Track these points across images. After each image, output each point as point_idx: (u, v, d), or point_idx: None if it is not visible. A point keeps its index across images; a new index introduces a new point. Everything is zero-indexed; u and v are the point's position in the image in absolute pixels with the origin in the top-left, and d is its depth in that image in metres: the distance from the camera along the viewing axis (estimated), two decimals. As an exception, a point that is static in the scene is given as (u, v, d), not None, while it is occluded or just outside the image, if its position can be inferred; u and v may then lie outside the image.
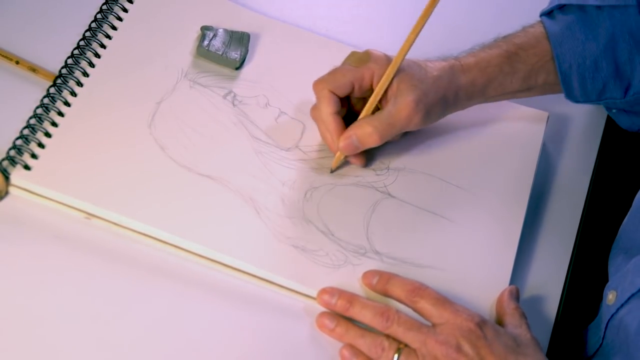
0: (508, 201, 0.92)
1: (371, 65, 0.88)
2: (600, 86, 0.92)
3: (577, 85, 0.92)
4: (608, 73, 0.91)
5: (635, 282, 0.81)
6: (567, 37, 0.91)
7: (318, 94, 0.88)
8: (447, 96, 0.90)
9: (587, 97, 0.93)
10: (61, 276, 0.81)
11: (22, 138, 0.86)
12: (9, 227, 0.83)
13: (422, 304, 0.81)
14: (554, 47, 0.91)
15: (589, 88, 0.93)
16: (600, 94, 0.93)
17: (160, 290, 0.82)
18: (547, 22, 0.93)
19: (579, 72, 0.92)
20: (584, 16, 0.92)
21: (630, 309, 0.81)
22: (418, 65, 0.89)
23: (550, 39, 0.92)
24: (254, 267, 0.84)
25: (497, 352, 0.78)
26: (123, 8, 0.97)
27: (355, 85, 0.88)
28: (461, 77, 0.90)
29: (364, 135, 0.87)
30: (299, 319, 0.83)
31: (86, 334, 0.79)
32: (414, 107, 0.87)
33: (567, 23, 0.92)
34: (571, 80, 0.92)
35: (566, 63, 0.92)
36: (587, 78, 0.92)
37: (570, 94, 0.94)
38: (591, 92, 0.93)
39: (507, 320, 0.83)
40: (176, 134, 0.90)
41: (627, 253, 0.86)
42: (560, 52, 0.91)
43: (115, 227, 0.85)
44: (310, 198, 0.89)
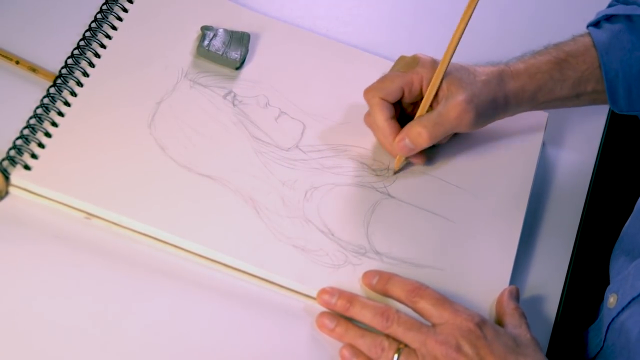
0: (508, 201, 0.92)
1: (419, 69, 0.88)
2: None
3: (622, 93, 0.92)
4: None
5: (636, 286, 0.81)
6: (614, 45, 0.92)
7: (370, 102, 0.89)
8: (497, 99, 0.89)
9: (631, 106, 0.93)
10: (61, 276, 0.81)
11: (22, 138, 0.86)
12: (9, 227, 0.83)
13: (422, 304, 0.81)
14: (601, 55, 0.91)
15: (634, 96, 0.92)
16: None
17: (161, 290, 0.82)
18: (594, 32, 0.93)
19: (625, 80, 0.92)
20: (631, 25, 0.92)
21: (632, 313, 0.81)
22: (466, 69, 0.89)
23: (597, 47, 0.92)
24: (254, 267, 0.84)
25: (496, 352, 0.78)
26: (123, 8, 0.97)
27: (405, 91, 0.89)
28: (510, 82, 0.90)
29: (415, 135, 0.88)
30: (299, 319, 0.83)
31: (86, 334, 0.79)
32: (465, 107, 0.87)
33: (614, 32, 0.92)
34: (617, 88, 0.92)
35: (612, 71, 0.92)
36: (633, 86, 0.92)
37: (615, 103, 0.93)
38: (636, 101, 0.93)
39: (507, 320, 0.83)
40: (176, 134, 0.90)
41: (628, 255, 0.86)
42: (607, 59, 0.91)
43: (115, 227, 0.85)
44: (310, 198, 0.89)
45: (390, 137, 0.89)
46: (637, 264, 0.82)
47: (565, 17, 1.08)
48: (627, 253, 0.87)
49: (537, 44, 0.95)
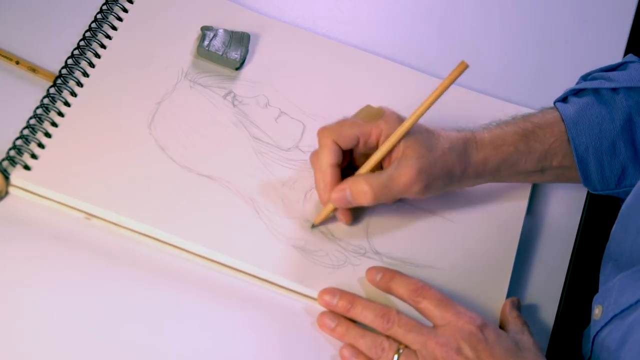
0: (508, 202, 0.92)
1: (381, 123, 0.85)
2: (618, 171, 0.90)
3: (594, 169, 0.90)
4: (627, 156, 0.89)
5: (619, 302, 0.81)
6: (582, 117, 0.89)
7: (321, 141, 0.85)
8: (454, 172, 0.87)
9: (605, 183, 0.91)
10: (61, 276, 0.81)
11: (22, 138, 0.86)
12: (9, 227, 0.83)
13: (425, 304, 0.81)
14: (569, 128, 0.89)
15: (607, 173, 0.90)
16: (619, 179, 0.90)
17: (161, 290, 0.82)
18: (561, 106, 0.90)
19: (596, 155, 0.89)
20: (599, 98, 0.90)
21: (611, 330, 0.81)
22: (430, 132, 0.86)
23: (565, 120, 0.89)
24: (254, 268, 0.84)
25: (497, 356, 0.78)
26: (123, 8, 0.97)
27: (360, 140, 0.85)
28: (474, 153, 0.87)
29: (358, 192, 0.84)
30: (299, 319, 0.83)
31: (86, 334, 0.79)
32: (415, 176, 0.84)
33: (581, 105, 0.90)
34: (588, 163, 0.89)
35: (582, 145, 0.89)
36: (605, 162, 0.89)
37: (587, 180, 0.91)
38: (610, 178, 0.90)
39: (509, 327, 0.83)
40: (176, 134, 0.90)
41: (616, 262, 0.86)
42: (576, 133, 0.89)
43: (115, 227, 0.85)
44: (310, 198, 0.89)
45: (329, 184, 0.85)
46: (622, 278, 0.82)
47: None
48: (615, 259, 0.86)
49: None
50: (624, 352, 0.78)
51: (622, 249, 0.85)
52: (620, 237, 0.86)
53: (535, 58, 1.06)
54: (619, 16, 1.11)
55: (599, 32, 1.09)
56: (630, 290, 0.80)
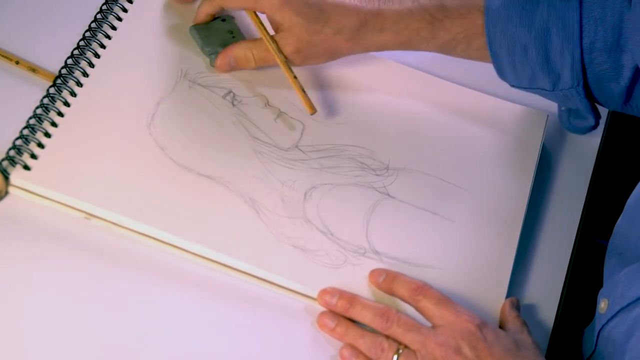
0: (508, 201, 0.92)
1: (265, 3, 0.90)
2: (529, 73, 0.90)
3: (507, 65, 0.91)
4: (537, 61, 0.89)
5: (626, 295, 0.81)
6: (502, 16, 0.88)
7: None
8: (339, 50, 0.91)
9: (519, 81, 0.92)
10: (61, 276, 0.81)
11: (22, 138, 0.86)
12: (8, 227, 0.83)
13: (425, 304, 0.81)
14: (487, 24, 0.89)
15: (519, 72, 0.91)
16: (530, 80, 0.91)
17: (160, 290, 0.82)
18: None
19: (509, 54, 0.90)
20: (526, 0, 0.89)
21: (617, 323, 0.81)
22: (320, 11, 0.89)
23: (487, 15, 0.89)
24: (254, 268, 0.84)
25: (496, 355, 0.78)
26: (123, 8, 0.97)
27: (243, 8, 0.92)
28: (369, 36, 0.89)
29: (241, 58, 0.92)
30: (299, 319, 0.83)
31: (86, 334, 0.79)
32: (293, 53, 0.90)
33: (506, 2, 0.89)
34: (501, 59, 0.90)
35: (497, 42, 0.89)
36: (517, 62, 0.90)
37: (502, 75, 0.92)
38: (522, 77, 0.91)
39: (509, 326, 0.83)
40: (176, 134, 0.90)
41: (620, 256, 0.86)
42: (494, 30, 0.89)
43: (115, 227, 0.84)
44: (310, 198, 0.89)
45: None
46: (628, 272, 0.82)
47: None
48: (620, 253, 0.86)
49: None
50: (631, 345, 0.78)
51: (628, 243, 0.85)
52: (626, 231, 0.87)
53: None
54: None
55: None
56: (637, 284, 0.80)
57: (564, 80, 0.90)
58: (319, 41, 0.89)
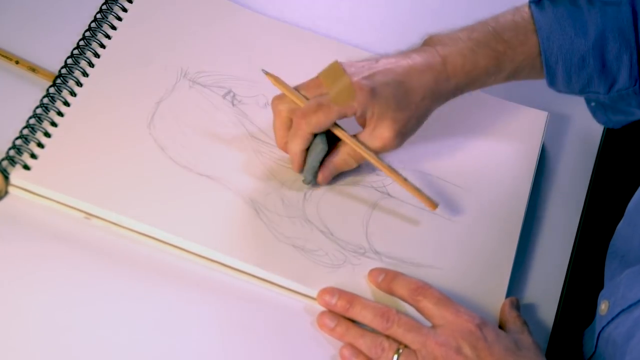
0: (507, 201, 0.92)
1: (354, 105, 0.85)
2: (585, 81, 0.91)
3: (561, 78, 0.91)
4: (594, 69, 0.90)
5: (627, 297, 0.81)
6: (556, 31, 0.89)
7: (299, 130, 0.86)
8: (427, 113, 0.89)
9: (570, 89, 0.92)
10: (60, 276, 0.81)
11: (22, 138, 0.86)
12: (8, 227, 0.83)
13: (424, 303, 0.81)
14: (542, 41, 0.89)
15: (573, 82, 0.91)
16: (583, 88, 0.91)
17: (160, 290, 0.82)
18: (536, 13, 0.90)
19: (565, 67, 0.90)
20: (574, 10, 0.90)
21: (617, 324, 0.81)
22: (401, 89, 0.86)
23: (539, 33, 0.89)
24: (254, 268, 0.84)
25: (497, 355, 0.78)
26: (123, 8, 0.97)
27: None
28: (445, 85, 0.88)
29: (341, 163, 0.88)
30: (299, 319, 0.83)
31: (86, 334, 0.79)
32: (392, 139, 0.87)
33: (556, 16, 0.89)
34: (556, 73, 0.91)
35: (553, 57, 0.90)
36: (573, 74, 0.90)
37: (553, 85, 0.92)
38: (575, 86, 0.92)
39: (509, 326, 0.83)
40: (175, 134, 0.90)
41: (622, 258, 0.86)
42: (548, 46, 0.89)
43: (115, 227, 0.85)
44: (310, 198, 0.89)
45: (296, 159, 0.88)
46: (629, 273, 0.82)
47: None
48: (622, 255, 0.86)
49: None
50: (631, 346, 0.78)
51: (630, 246, 0.85)
52: (628, 234, 0.86)
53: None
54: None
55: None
56: (638, 285, 0.80)
57: (621, 82, 0.90)
58: (411, 113, 0.87)
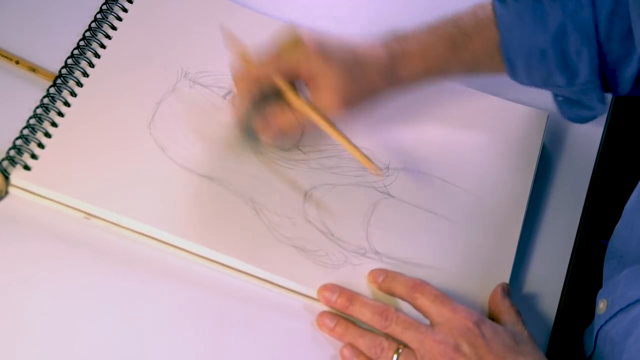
0: (508, 201, 0.92)
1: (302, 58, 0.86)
2: (545, 74, 0.91)
3: (522, 69, 0.91)
4: (554, 63, 0.90)
5: (625, 296, 0.81)
6: (516, 24, 0.89)
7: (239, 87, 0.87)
8: (379, 93, 0.89)
9: (532, 81, 0.93)
10: (61, 276, 0.81)
11: (22, 138, 0.86)
12: (8, 227, 0.83)
13: (422, 301, 0.82)
14: (502, 33, 0.90)
15: (535, 74, 0.91)
16: (545, 80, 0.92)
17: (160, 290, 0.82)
18: (498, 8, 0.91)
19: (526, 59, 0.90)
20: (535, 5, 0.90)
21: (615, 323, 0.81)
22: (354, 58, 0.87)
23: (499, 25, 0.90)
24: (254, 268, 0.84)
25: (495, 351, 0.78)
26: (123, 8, 0.97)
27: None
28: (401, 69, 0.89)
29: (286, 125, 0.87)
30: (299, 319, 0.83)
31: (86, 334, 0.79)
32: (335, 102, 0.86)
33: (517, 11, 0.90)
34: (516, 65, 0.91)
35: (513, 50, 0.90)
36: (534, 65, 0.91)
37: (515, 77, 0.93)
38: (536, 78, 0.92)
39: (504, 318, 0.83)
40: (176, 134, 0.90)
41: (621, 259, 0.86)
42: (508, 38, 0.90)
43: (115, 227, 0.85)
44: (310, 198, 0.89)
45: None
46: (629, 272, 0.82)
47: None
48: (620, 255, 0.86)
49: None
50: (629, 345, 0.78)
51: (628, 247, 0.85)
52: (626, 235, 0.87)
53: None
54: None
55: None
56: (637, 284, 0.80)
57: (582, 76, 0.90)
58: (359, 83, 0.87)
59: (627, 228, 0.87)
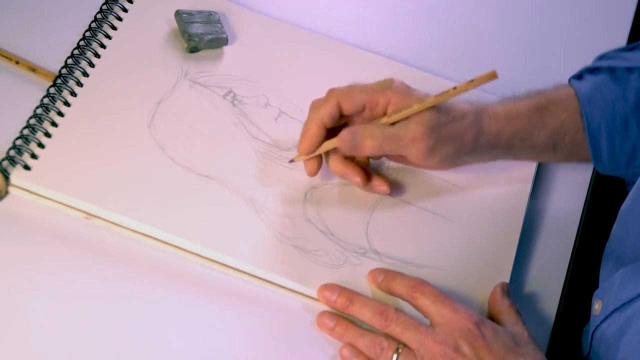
0: (508, 201, 0.92)
1: (390, 92, 0.85)
2: (629, 150, 0.90)
3: (605, 146, 0.90)
4: (639, 135, 0.89)
5: (620, 296, 0.81)
6: (596, 95, 0.89)
7: (327, 97, 0.86)
8: (465, 139, 0.87)
9: (615, 162, 0.91)
10: (61, 276, 0.81)
11: (22, 138, 0.86)
12: (8, 227, 0.83)
13: (422, 301, 0.81)
14: (583, 105, 0.89)
15: (618, 151, 0.90)
16: (629, 159, 0.90)
17: (160, 290, 0.82)
18: (576, 83, 0.91)
19: (608, 133, 0.89)
20: (614, 77, 0.90)
21: (610, 323, 0.81)
22: (441, 105, 0.86)
23: (579, 97, 0.90)
24: (254, 267, 0.84)
25: (495, 352, 0.78)
26: (123, 8, 0.97)
27: (367, 107, 0.86)
28: (486, 123, 0.88)
29: (367, 135, 0.85)
30: (298, 319, 0.83)
31: (86, 334, 0.79)
32: (423, 134, 0.84)
33: (596, 83, 0.90)
34: (599, 140, 0.90)
35: (595, 122, 0.89)
36: (616, 139, 0.90)
37: (598, 158, 0.91)
38: (620, 157, 0.90)
39: (504, 318, 0.83)
40: (176, 134, 0.90)
41: (617, 260, 0.86)
42: (589, 109, 0.89)
43: (115, 227, 0.85)
44: (310, 198, 0.89)
45: (310, 139, 0.86)
46: (623, 272, 0.82)
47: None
48: (617, 257, 0.86)
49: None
50: (622, 344, 0.78)
51: (624, 248, 0.85)
52: (622, 236, 0.87)
53: (535, 57, 1.06)
54: (618, 16, 1.11)
55: (598, 33, 1.09)
56: (631, 284, 0.80)
57: None
58: (448, 126, 0.86)
59: (622, 229, 0.87)
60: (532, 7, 1.11)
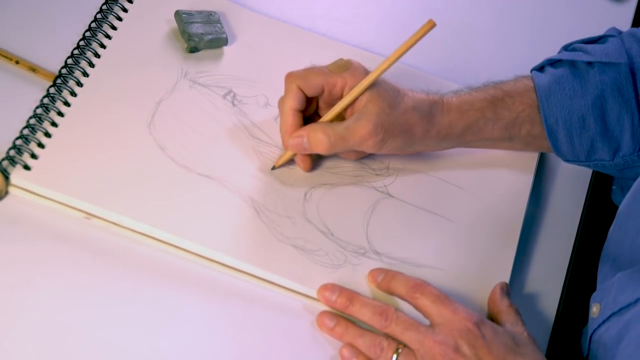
0: (508, 201, 0.92)
1: (346, 75, 0.86)
2: (588, 145, 0.90)
3: (564, 140, 0.90)
4: (596, 131, 0.89)
5: (618, 300, 0.81)
6: (555, 90, 0.90)
7: (287, 86, 0.87)
8: (415, 131, 0.88)
9: (575, 155, 0.91)
10: (61, 276, 0.81)
11: (22, 138, 0.86)
12: (8, 227, 0.83)
13: (422, 301, 0.82)
14: (540, 99, 0.90)
15: (577, 145, 0.90)
16: (588, 153, 0.91)
17: (160, 290, 0.82)
18: (537, 75, 0.91)
19: (566, 127, 0.90)
20: (574, 71, 0.90)
21: (608, 327, 0.81)
22: (396, 90, 0.87)
23: (538, 90, 0.90)
24: (254, 267, 0.84)
25: (495, 352, 0.78)
26: (123, 8, 0.97)
27: (325, 89, 0.87)
28: (439, 116, 0.88)
29: (315, 139, 0.86)
30: (298, 319, 0.83)
31: (85, 334, 0.79)
32: (372, 130, 0.85)
33: (556, 76, 0.90)
34: (557, 134, 0.90)
35: (552, 117, 0.90)
36: (574, 135, 0.90)
37: (558, 150, 0.91)
38: (579, 151, 0.91)
39: (503, 318, 0.83)
40: (176, 134, 0.90)
41: (614, 261, 0.86)
42: (547, 104, 0.90)
43: (115, 227, 0.85)
44: (310, 198, 0.89)
45: (289, 128, 0.87)
46: (621, 277, 0.82)
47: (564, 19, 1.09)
48: (614, 259, 0.86)
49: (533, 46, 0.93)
50: (621, 349, 0.78)
51: (621, 249, 0.85)
52: (619, 238, 0.87)
53: (533, 56, 1.06)
54: (618, 16, 1.11)
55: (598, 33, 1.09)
56: (629, 289, 0.80)
57: (625, 147, 0.90)
58: (397, 116, 0.86)
59: (620, 231, 0.87)
60: (533, 7, 1.12)
